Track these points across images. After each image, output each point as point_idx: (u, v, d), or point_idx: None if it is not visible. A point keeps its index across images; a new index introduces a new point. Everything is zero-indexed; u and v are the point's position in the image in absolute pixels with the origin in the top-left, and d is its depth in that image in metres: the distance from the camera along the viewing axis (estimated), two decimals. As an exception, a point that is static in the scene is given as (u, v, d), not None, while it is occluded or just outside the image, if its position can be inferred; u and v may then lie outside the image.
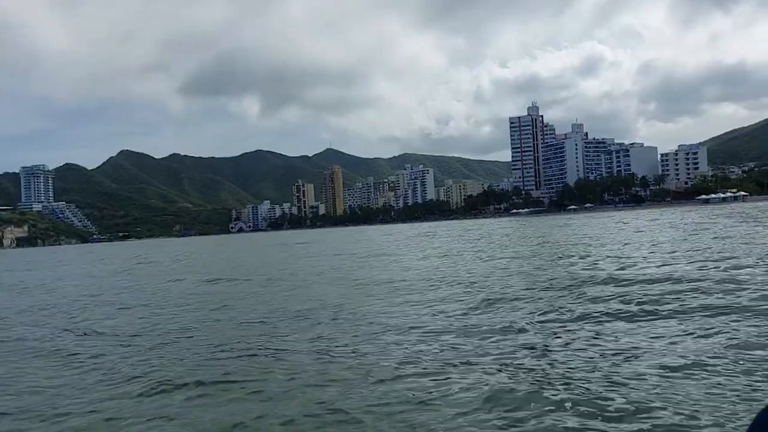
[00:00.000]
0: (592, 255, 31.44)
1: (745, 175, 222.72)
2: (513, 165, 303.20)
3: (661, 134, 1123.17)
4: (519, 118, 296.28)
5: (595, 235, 54.26)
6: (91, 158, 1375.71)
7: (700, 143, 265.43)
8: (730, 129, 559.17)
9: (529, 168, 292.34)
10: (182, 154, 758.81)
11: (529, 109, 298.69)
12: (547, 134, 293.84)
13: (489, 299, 18.10)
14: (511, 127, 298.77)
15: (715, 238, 37.99)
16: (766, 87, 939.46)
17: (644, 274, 21.06)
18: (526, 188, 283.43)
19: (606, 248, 36.04)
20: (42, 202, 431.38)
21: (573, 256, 31.97)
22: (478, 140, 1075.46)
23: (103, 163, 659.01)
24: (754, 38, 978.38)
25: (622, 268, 23.57)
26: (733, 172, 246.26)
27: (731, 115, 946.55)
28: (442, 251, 46.08)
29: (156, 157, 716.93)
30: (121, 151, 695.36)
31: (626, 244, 38.94)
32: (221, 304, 21.72)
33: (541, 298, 17.76)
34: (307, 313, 17.90)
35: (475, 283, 22.96)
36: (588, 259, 29.09)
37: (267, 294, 24.42)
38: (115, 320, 19.72)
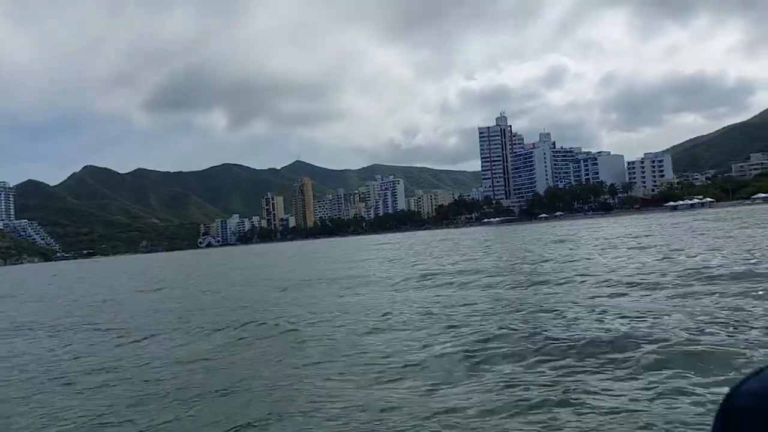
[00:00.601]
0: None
1: (709, 182, 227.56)
2: (483, 174, 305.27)
3: (623, 143, 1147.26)
4: (488, 128, 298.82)
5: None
6: (53, 174, 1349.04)
7: (663, 151, 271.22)
8: (690, 138, 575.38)
9: (499, 177, 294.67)
10: (148, 168, 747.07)
11: (497, 119, 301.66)
12: (515, 144, 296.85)
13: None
14: (480, 138, 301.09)
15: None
16: (723, 97, 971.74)
17: None
18: (496, 197, 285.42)
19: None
20: (3, 219, 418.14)
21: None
22: (445, 151, 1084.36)
23: (66, 179, 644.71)
24: (709, 50, 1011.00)
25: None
26: (697, 179, 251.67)
27: (690, 124, 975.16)
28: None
29: (121, 172, 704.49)
30: (85, 167, 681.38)
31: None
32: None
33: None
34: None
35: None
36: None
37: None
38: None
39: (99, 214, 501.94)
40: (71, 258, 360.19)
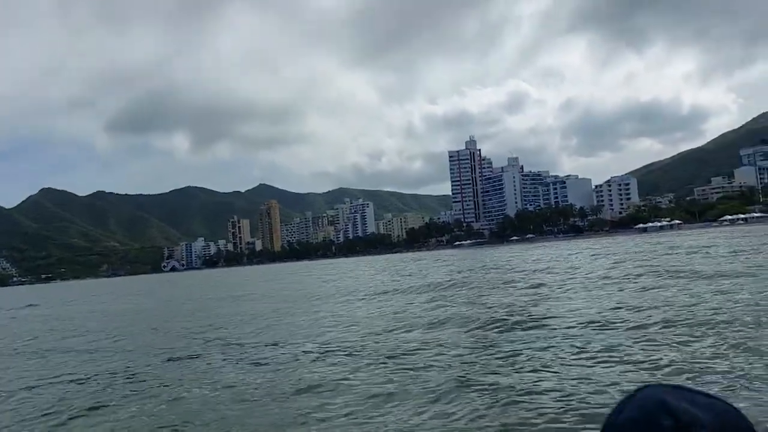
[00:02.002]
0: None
1: (673, 205, 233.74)
2: (453, 198, 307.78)
3: (583, 168, 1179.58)
4: (458, 151, 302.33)
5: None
6: (9, 197, 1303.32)
7: (628, 174, 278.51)
8: (648, 162, 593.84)
9: (469, 200, 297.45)
10: (107, 191, 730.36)
11: (467, 143, 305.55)
12: (484, 167, 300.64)
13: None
14: (450, 161, 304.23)
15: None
16: (678, 123, 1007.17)
17: None
18: (466, 220, 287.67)
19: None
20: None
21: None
22: (410, 175, 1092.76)
23: (23, 202, 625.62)
24: (665, 78, 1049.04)
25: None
26: (660, 202, 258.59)
27: (647, 150, 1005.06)
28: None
29: (79, 194, 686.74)
30: (42, 189, 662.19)
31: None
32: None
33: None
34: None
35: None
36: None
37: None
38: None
39: (57, 238, 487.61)
40: (28, 283, 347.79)
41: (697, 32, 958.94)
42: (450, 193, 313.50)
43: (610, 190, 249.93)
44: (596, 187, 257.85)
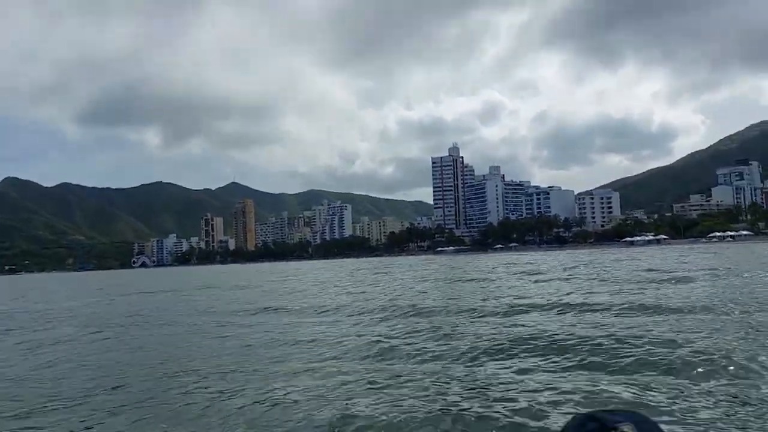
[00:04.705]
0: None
1: (652, 220, 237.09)
2: (435, 204, 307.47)
3: (553, 180, 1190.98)
4: (441, 158, 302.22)
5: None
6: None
7: (599, 188, 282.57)
8: (617, 178, 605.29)
9: (450, 207, 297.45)
10: (73, 183, 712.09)
11: (450, 149, 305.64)
12: (466, 175, 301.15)
13: None
14: (433, 167, 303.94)
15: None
16: (647, 141, 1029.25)
17: None
18: (447, 227, 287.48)
19: None
20: None
21: None
22: (383, 179, 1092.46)
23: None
24: (636, 97, 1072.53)
25: None
26: (636, 217, 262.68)
27: (616, 165, 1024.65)
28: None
29: (45, 185, 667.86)
30: (5, 178, 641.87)
31: None
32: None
33: None
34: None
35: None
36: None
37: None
38: None
39: (21, 228, 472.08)
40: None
41: (666, 54, 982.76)
42: (423, 200, 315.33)
43: (593, 203, 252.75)
44: (579, 199, 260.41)
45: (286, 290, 44.63)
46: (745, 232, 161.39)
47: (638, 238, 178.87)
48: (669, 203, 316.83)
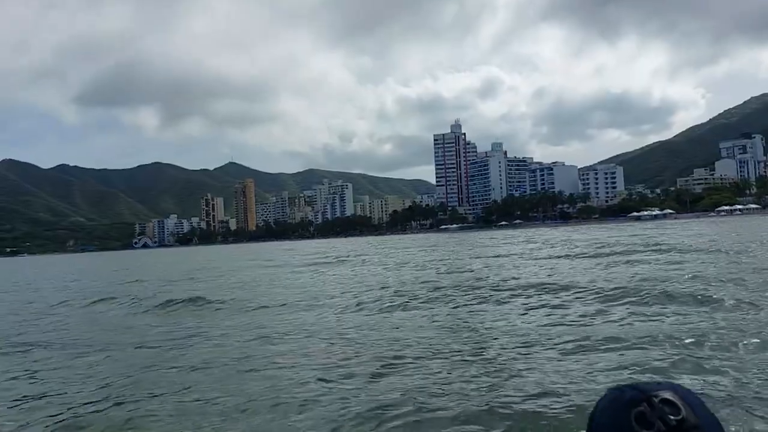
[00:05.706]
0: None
1: (655, 195, 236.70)
2: (437, 182, 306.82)
3: (552, 156, 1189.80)
4: (443, 135, 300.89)
5: None
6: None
7: (612, 164, 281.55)
8: (616, 153, 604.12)
9: (453, 184, 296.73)
10: (72, 165, 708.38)
11: (452, 126, 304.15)
12: (469, 152, 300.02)
13: None
14: (435, 144, 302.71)
15: None
16: (647, 115, 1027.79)
17: None
18: (450, 204, 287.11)
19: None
20: None
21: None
22: (380, 158, 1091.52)
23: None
24: (635, 71, 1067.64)
25: None
26: (640, 192, 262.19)
27: (615, 140, 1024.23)
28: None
29: (43, 167, 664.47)
30: (4, 161, 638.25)
31: None
32: None
33: None
34: None
35: None
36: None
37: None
38: None
39: (22, 211, 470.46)
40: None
41: (667, 27, 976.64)
42: (422, 178, 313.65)
43: (596, 178, 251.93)
44: (582, 174, 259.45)
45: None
46: (753, 206, 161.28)
47: (645, 213, 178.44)
48: (670, 178, 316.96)
